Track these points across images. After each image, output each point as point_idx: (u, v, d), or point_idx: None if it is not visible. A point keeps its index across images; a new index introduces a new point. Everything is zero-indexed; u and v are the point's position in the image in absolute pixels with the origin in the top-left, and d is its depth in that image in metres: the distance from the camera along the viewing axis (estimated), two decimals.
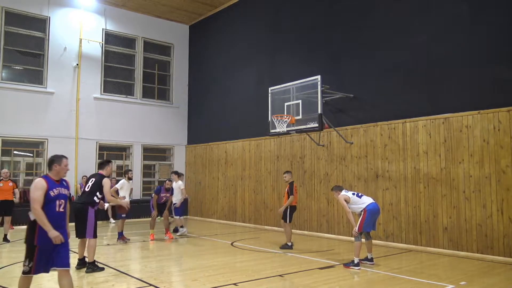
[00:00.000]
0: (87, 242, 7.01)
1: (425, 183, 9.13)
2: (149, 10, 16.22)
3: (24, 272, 4.54)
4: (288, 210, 9.27)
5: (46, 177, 4.61)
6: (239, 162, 14.31)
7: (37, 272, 4.53)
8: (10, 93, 13.52)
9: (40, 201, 4.43)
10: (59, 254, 4.51)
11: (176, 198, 10.99)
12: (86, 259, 7.11)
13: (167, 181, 10.79)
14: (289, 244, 9.29)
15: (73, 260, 7.58)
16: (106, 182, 7.09)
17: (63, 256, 4.54)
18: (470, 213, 8.34)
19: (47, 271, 4.58)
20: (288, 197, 9.25)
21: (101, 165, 7.47)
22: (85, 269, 6.94)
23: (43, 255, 4.48)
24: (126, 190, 10.34)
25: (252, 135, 13.74)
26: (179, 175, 11.50)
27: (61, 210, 4.62)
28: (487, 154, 8.19)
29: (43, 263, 4.51)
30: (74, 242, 8.10)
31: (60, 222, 4.60)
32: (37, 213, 4.40)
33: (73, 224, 6.82)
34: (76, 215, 6.95)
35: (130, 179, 10.61)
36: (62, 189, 4.67)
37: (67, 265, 4.57)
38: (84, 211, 6.86)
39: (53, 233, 4.39)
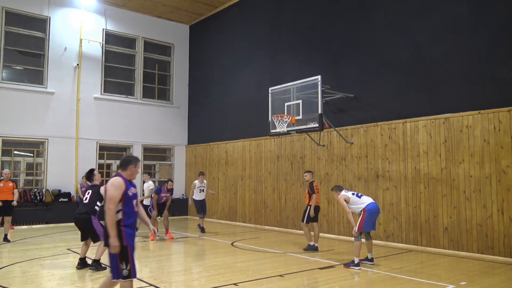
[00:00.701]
0: (99, 244, 6.97)
1: (425, 183, 9.13)
2: (149, 10, 16.22)
3: (124, 277, 4.16)
4: (309, 210, 8.98)
5: (121, 177, 4.37)
6: (240, 162, 14.31)
7: (136, 273, 4.24)
8: (10, 93, 13.52)
9: (117, 201, 4.20)
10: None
11: (146, 200, 10.92)
12: (88, 260, 7.12)
13: (169, 182, 10.80)
14: (313, 244, 9.00)
15: (74, 259, 7.61)
16: (103, 189, 7.05)
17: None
18: (471, 213, 8.34)
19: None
20: (310, 197, 9.02)
21: (89, 178, 7.44)
22: (87, 268, 6.95)
23: (133, 254, 4.22)
24: None
25: (252, 135, 13.74)
26: (150, 175, 11.30)
27: (136, 210, 4.42)
28: (487, 154, 8.19)
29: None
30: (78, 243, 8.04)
31: (136, 222, 4.46)
32: (111, 213, 4.14)
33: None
34: (82, 224, 7.09)
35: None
36: (134, 189, 4.43)
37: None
38: (89, 220, 6.96)
39: (115, 242, 4.10)
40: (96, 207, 7.09)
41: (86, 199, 7.20)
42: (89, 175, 7.46)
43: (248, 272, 6.95)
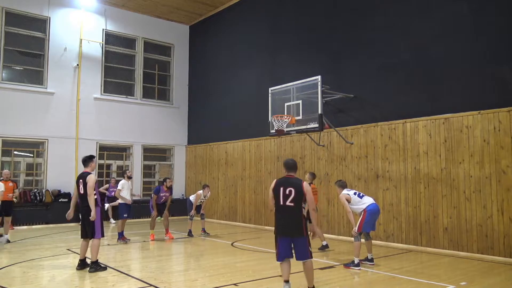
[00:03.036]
0: (90, 242, 7.00)
1: (425, 183, 9.13)
2: (149, 10, 16.22)
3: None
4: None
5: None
6: (239, 162, 14.31)
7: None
8: (10, 93, 13.52)
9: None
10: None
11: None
12: (88, 260, 7.11)
13: (167, 180, 10.71)
14: (324, 243, 9.07)
15: (74, 260, 7.61)
16: (89, 178, 6.94)
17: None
18: (471, 213, 8.34)
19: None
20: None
21: (84, 162, 7.27)
22: (87, 269, 6.93)
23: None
24: (127, 190, 10.31)
25: (252, 135, 13.74)
26: (129, 176, 10.93)
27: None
28: (487, 154, 8.19)
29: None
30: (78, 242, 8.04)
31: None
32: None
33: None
34: (83, 217, 7.00)
35: (129, 178, 10.59)
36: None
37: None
38: (88, 213, 6.86)
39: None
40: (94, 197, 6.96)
41: (81, 189, 7.00)
42: (86, 159, 7.26)
43: (248, 272, 6.95)
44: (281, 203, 5.42)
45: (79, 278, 6.48)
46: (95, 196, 6.94)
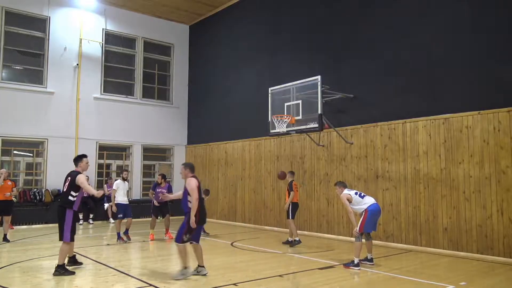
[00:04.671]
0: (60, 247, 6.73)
1: (425, 183, 9.13)
2: (149, 10, 16.21)
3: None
4: (290, 206, 9.63)
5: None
6: (239, 162, 14.31)
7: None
8: (10, 93, 13.51)
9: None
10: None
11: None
12: (76, 257, 7.19)
13: (158, 176, 10.93)
14: (297, 239, 9.62)
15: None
16: (79, 178, 6.70)
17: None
18: (470, 213, 8.34)
19: None
20: (289, 195, 9.64)
21: (75, 161, 7.04)
22: (83, 266, 6.96)
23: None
24: (122, 190, 10.26)
25: (252, 135, 13.74)
26: (124, 178, 10.80)
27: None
28: (487, 154, 8.19)
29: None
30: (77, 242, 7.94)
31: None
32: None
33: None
34: (58, 217, 6.72)
35: (124, 179, 10.52)
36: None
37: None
38: (62, 213, 6.63)
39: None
40: (70, 197, 6.68)
41: (65, 187, 6.80)
42: (77, 157, 7.08)
43: (248, 272, 6.95)
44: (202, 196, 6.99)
45: (79, 278, 6.48)
46: (74, 199, 6.69)
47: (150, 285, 6.06)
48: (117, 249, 9.27)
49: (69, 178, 6.84)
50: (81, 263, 7.28)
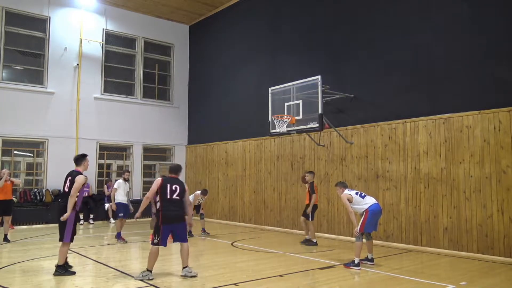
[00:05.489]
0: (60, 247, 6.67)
1: (425, 183, 9.13)
2: (149, 10, 16.22)
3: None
4: (311, 208, 9.77)
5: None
6: (239, 162, 14.31)
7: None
8: (10, 93, 13.52)
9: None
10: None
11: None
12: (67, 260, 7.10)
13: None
14: (314, 241, 9.68)
15: (74, 260, 7.59)
16: (77, 179, 6.63)
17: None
18: (471, 213, 8.34)
19: None
20: (310, 197, 9.72)
21: (77, 161, 6.97)
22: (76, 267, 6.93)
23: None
24: (123, 190, 10.28)
25: (252, 135, 13.74)
26: (125, 178, 10.76)
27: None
28: (487, 154, 8.19)
29: None
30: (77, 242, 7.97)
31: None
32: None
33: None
34: (59, 217, 6.62)
35: (126, 180, 10.52)
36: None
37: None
38: (64, 213, 6.55)
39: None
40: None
41: (67, 187, 6.68)
42: (79, 157, 7.01)
43: (248, 272, 6.95)
44: (168, 197, 6.65)
45: (79, 278, 6.48)
46: (76, 199, 6.62)
47: (150, 285, 6.06)
48: (117, 249, 9.27)
49: (70, 178, 6.81)
50: (71, 266, 6.96)
